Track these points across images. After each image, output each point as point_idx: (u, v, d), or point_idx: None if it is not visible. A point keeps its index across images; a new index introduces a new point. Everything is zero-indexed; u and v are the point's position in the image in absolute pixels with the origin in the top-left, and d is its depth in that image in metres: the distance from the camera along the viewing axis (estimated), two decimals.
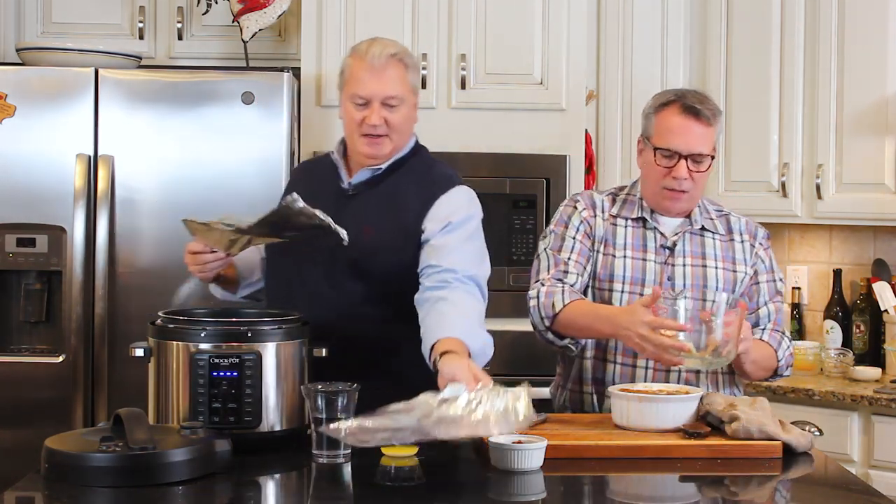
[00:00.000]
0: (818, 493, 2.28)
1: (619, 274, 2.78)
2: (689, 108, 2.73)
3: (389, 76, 2.66)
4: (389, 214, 2.70)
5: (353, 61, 2.70)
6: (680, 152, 2.72)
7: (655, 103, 2.80)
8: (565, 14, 3.89)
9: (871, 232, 4.16)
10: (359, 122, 2.67)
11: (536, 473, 2.19)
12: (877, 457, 3.55)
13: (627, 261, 2.79)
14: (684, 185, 2.75)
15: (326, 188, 2.77)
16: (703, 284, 2.78)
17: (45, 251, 3.66)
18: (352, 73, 2.68)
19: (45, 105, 3.66)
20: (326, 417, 2.26)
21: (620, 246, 2.80)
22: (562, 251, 2.80)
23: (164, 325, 2.41)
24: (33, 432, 3.28)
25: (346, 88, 2.70)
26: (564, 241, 2.82)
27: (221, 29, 4.16)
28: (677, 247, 2.80)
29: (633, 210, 2.84)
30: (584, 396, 2.82)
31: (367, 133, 2.67)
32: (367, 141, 2.68)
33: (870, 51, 3.83)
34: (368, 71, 2.65)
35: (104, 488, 2.05)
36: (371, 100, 2.66)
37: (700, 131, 2.73)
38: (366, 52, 2.67)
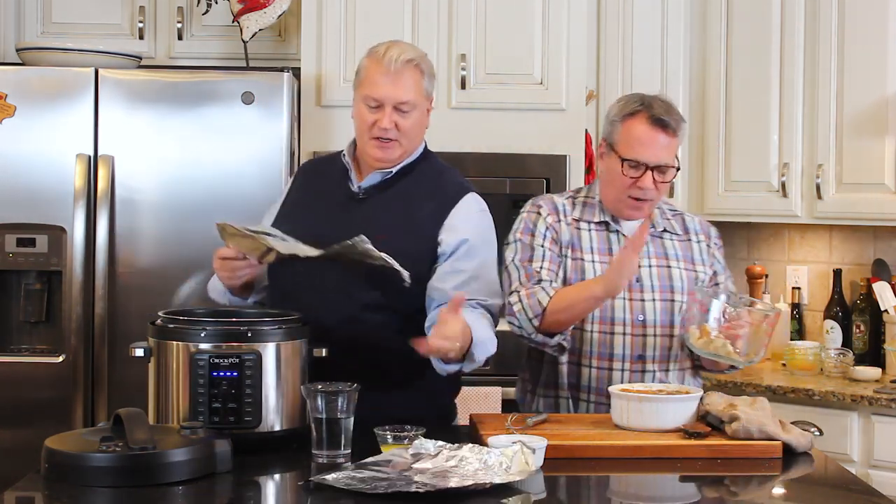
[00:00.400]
0: (818, 493, 2.28)
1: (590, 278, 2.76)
2: (657, 120, 2.72)
3: (404, 81, 2.65)
4: (404, 221, 2.69)
5: (369, 63, 2.69)
6: (647, 163, 2.72)
7: (622, 111, 2.78)
8: (565, 14, 3.89)
9: (871, 232, 4.16)
10: (370, 124, 2.66)
11: (536, 473, 2.18)
12: (877, 457, 3.55)
13: (597, 265, 2.79)
14: (649, 194, 2.75)
15: (335, 190, 2.76)
16: (670, 285, 2.80)
17: (45, 251, 3.66)
18: (367, 75, 2.68)
19: (45, 105, 3.66)
20: (326, 417, 2.27)
21: (587, 250, 2.81)
22: (532, 261, 2.77)
23: (164, 325, 2.41)
24: (33, 432, 3.28)
25: (360, 89, 2.70)
26: (534, 250, 2.79)
27: (221, 29, 4.16)
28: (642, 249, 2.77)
29: (594, 214, 2.84)
30: (560, 401, 2.82)
31: (378, 136, 2.67)
32: (378, 144, 2.68)
33: (870, 51, 3.83)
34: (384, 74, 2.64)
35: (104, 488, 2.05)
36: (384, 103, 2.65)
37: (666, 142, 2.73)
38: (383, 55, 2.66)
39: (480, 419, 2.58)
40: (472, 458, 2.11)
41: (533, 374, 2.89)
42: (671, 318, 2.78)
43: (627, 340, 2.77)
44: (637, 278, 2.77)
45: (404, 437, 2.28)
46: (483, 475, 2.05)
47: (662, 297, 2.78)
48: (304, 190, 2.84)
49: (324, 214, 2.73)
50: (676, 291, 2.78)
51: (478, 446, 2.16)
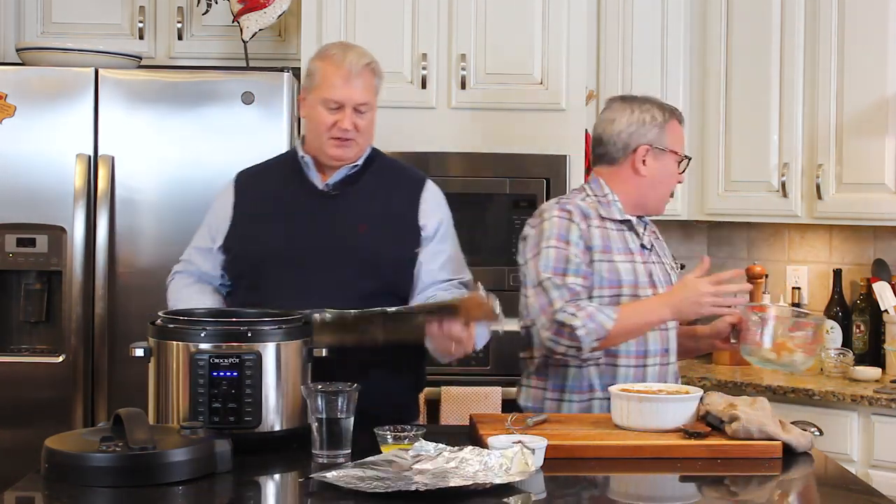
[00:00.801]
0: (818, 493, 2.28)
1: (626, 278, 2.84)
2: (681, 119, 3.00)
3: (363, 84, 2.77)
4: (380, 209, 2.81)
5: (325, 66, 2.78)
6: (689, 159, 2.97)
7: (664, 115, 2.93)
8: (565, 14, 3.88)
9: (871, 232, 4.16)
10: (329, 125, 2.76)
11: (536, 473, 2.18)
12: (877, 457, 3.55)
13: (625, 264, 2.85)
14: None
15: (296, 190, 2.82)
16: (671, 281, 2.96)
17: (45, 251, 3.66)
18: (325, 78, 2.77)
19: (45, 105, 3.66)
20: (326, 417, 2.27)
21: (617, 251, 2.86)
22: (567, 275, 2.77)
23: (164, 325, 2.41)
24: (33, 432, 3.28)
25: (316, 92, 2.78)
26: (569, 262, 2.79)
27: (221, 29, 4.16)
28: (654, 246, 2.96)
29: (614, 212, 2.90)
30: (594, 402, 2.84)
31: (338, 136, 2.76)
32: (337, 143, 2.77)
33: (870, 51, 3.83)
34: (344, 77, 2.75)
35: (104, 488, 2.05)
36: (344, 105, 2.75)
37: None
38: (343, 58, 2.76)
39: (480, 419, 2.58)
40: (472, 459, 2.11)
41: (556, 380, 2.88)
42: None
43: (658, 336, 2.88)
44: (651, 275, 2.90)
45: (404, 437, 2.28)
46: (483, 476, 2.05)
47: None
48: (255, 198, 2.86)
49: (293, 214, 2.79)
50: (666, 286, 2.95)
51: (478, 448, 2.16)
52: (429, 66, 3.86)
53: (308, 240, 2.76)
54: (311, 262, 2.74)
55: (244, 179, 2.92)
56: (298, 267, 2.74)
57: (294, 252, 2.75)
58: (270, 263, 2.77)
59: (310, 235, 2.76)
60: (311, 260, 2.74)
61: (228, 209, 2.86)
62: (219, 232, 2.86)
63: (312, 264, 2.74)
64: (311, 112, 2.80)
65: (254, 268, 2.80)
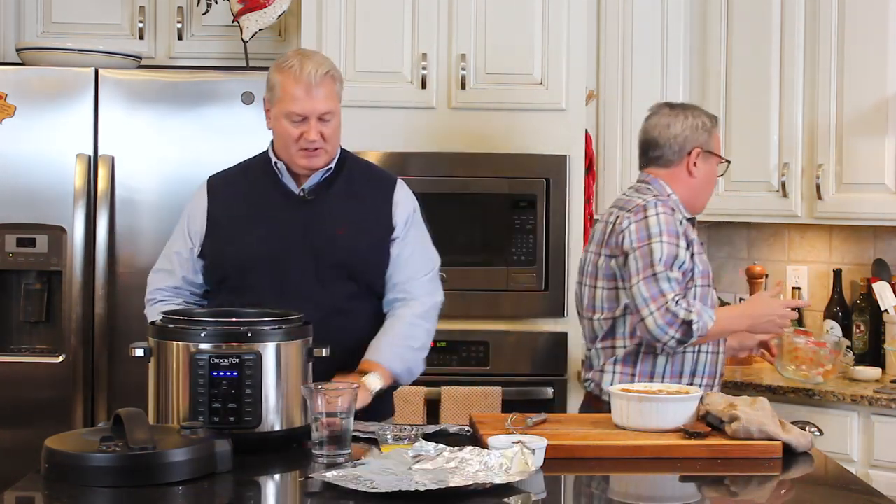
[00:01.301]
0: (818, 493, 2.28)
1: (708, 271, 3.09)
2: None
3: (324, 93, 2.76)
4: (357, 213, 2.84)
5: (285, 79, 2.76)
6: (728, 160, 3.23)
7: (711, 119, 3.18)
8: (565, 14, 3.88)
9: (871, 232, 4.16)
10: (296, 137, 2.76)
11: (536, 473, 2.18)
12: (877, 457, 3.55)
13: (702, 257, 3.08)
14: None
15: (271, 195, 2.83)
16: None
17: (45, 251, 3.66)
18: (286, 91, 2.75)
19: (45, 105, 3.66)
20: (326, 418, 2.27)
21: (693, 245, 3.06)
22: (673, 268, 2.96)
23: (164, 325, 2.41)
24: (33, 432, 3.28)
25: (279, 105, 2.77)
26: (677, 257, 2.98)
27: (221, 29, 4.16)
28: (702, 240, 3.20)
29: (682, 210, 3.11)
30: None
31: (305, 147, 2.76)
32: (306, 154, 2.78)
33: (870, 51, 3.82)
34: (305, 90, 2.74)
35: (104, 488, 2.05)
36: (309, 116, 2.75)
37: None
38: (300, 70, 2.74)
39: (480, 419, 2.58)
40: (472, 459, 2.11)
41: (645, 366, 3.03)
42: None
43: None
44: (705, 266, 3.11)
45: (404, 437, 2.28)
46: (483, 476, 2.05)
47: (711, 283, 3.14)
48: (229, 203, 2.86)
49: (270, 219, 2.81)
50: None
51: (478, 448, 2.16)
52: (429, 66, 3.86)
53: (287, 244, 2.78)
54: (291, 266, 2.77)
55: (217, 184, 2.91)
56: (278, 271, 2.77)
57: (274, 256, 2.77)
58: (250, 268, 2.78)
59: (289, 240, 2.78)
60: (291, 264, 2.77)
61: (203, 215, 2.86)
62: (195, 237, 2.86)
63: (292, 268, 2.77)
64: (276, 125, 2.80)
65: (234, 272, 2.81)
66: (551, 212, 3.83)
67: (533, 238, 3.82)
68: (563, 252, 3.83)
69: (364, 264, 2.82)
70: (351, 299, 2.80)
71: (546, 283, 3.84)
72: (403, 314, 2.82)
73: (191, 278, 2.88)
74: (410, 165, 3.77)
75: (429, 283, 2.88)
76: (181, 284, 2.88)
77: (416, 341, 2.81)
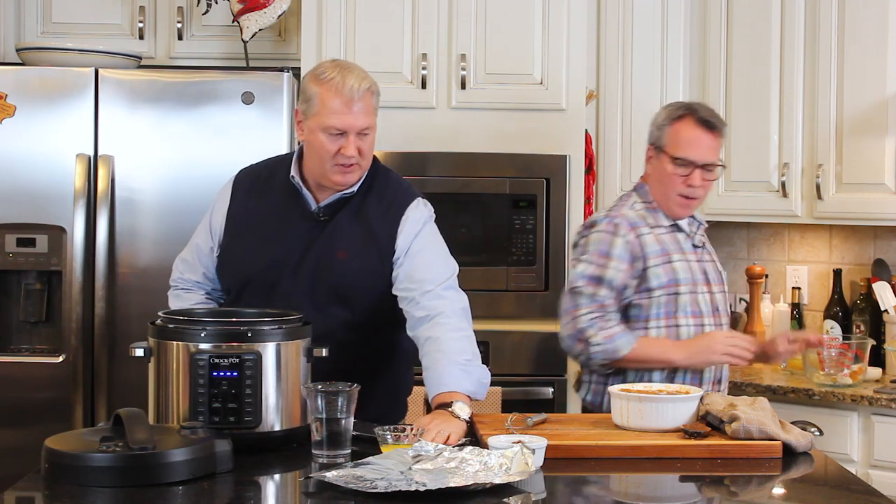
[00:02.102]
0: (818, 493, 2.28)
1: (682, 277, 3.02)
2: (703, 121, 3.01)
3: (364, 108, 2.67)
4: (361, 237, 2.74)
5: (325, 92, 2.65)
6: (696, 162, 3.00)
7: (670, 116, 3.05)
8: (565, 14, 3.88)
9: (871, 232, 4.16)
10: (333, 152, 2.66)
11: (536, 473, 2.18)
12: (877, 457, 3.55)
13: (681, 263, 3.03)
14: (697, 192, 3.01)
15: (287, 210, 2.77)
16: (721, 277, 3.15)
17: (45, 251, 3.66)
18: (325, 104, 2.65)
19: (45, 105, 3.66)
20: (326, 417, 2.27)
21: (673, 251, 3.03)
22: (600, 287, 2.95)
23: (164, 325, 2.41)
24: (33, 432, 3.29)
25: (316, 119, 2.66)
26: (604, 278, 2.95)
27: (221, 29, 4.16)
28: (705, 245, 3.12)
29: (661, 219, 3.06)
30: None
31: (342, 163, 2.68)
32: (341, 170, 2.69)
33: (870, 51, 3.83)
34: (345, 104, 2.64)
35: (104, 488, 2.05)
36: (348, 132, 2.66)
37: (712, 142, 3.03)
38: (342, 83, 2.65)
39: (480, 419, 2.58)
40: (472, 459, 2.11)
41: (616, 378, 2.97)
42: (726, 308, 3.14)
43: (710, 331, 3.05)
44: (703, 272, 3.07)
45: (404, 437, 2.28)
46: (483, 476, 2.05)
47: (721, 290, 3.13)
48: (245, 207, 2.81)
49: (281, 237, 2.74)
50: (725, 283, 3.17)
51: (478, 448, 2.16)
52: (429, 66, 3.86)
53: (289, 265, 2.71)
54: (290, 287, 2.71)
55: (241, 183, 2.85)
56: (277, 291, 2.71)
57: (274, 276, 2.72)
58: (245, 282, 2.76)
59: (287, 259, 2.72)
60: (290, 285, 2.71)
61: (223, 214, 2.83)
62: (215, 235, 2.84)
63: (291, 289, 2.70)
64: (311, 138, 2.69)
65: (233, 284, 2.79)
66: (551, 212, 3.83)
67: (533, 238, 3.82)
68: (563, 252, 3.83)
69: (355, 290, 2.72)
70: (349, 329, 2.71)
71: (546, 283, 3.84)
72: (437, 335, 2.64)
73: (211, 275, 2.85)
74: (410, 165, 3.77)
75: (445, 291, 2.71)
76: (202, 280, 2.86)
77: (465, 353, 2.63)
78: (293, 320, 2.45)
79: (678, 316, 3.00)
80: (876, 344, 3.90)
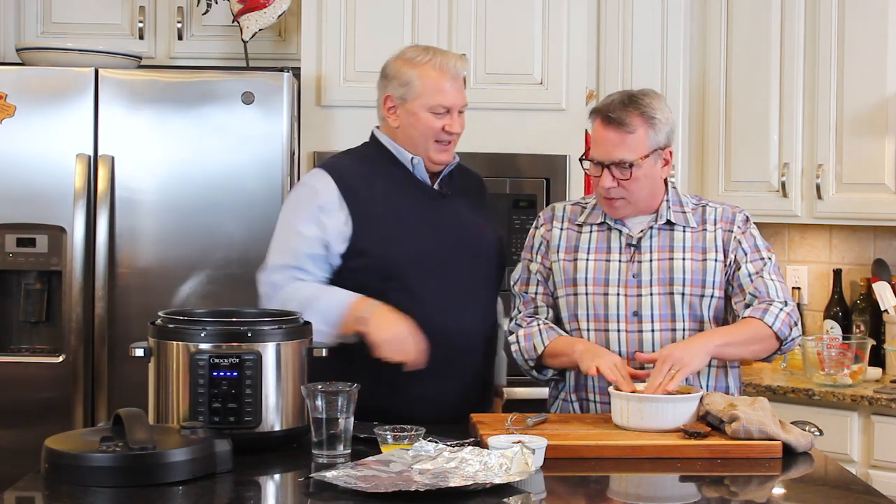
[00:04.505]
0: (818, 493, 2.28)
1: (582, 276, 2.79)
2: (606, 118, 2.72)
3: (461, 86, 2.84)
4: (475, 210, 2.94)
5: (427, 72, 2.79)
6: (602, 162, 2.73)
7: (592, 110, 2.83)
8: (565, 14, 3.88)
9: (871, 232, 4.16)
10: (438, 129, 2.80)
11: (536, 473, 2.18)
12: (877, 457, 3.55)
13: (590, 263, 2.80)
14: (612, 192, 2.74)
15: (408, 189, 2.84)
16: (670, 277, 2.77)
17: (45, 251, 3.66)
18: (430, 84, 2.79)
19: (45, 105, 3.66)
20: (326, 417, 2.27)
21: (584, 250, 2.82)
22: (528, 285, 2.89)
23: (164, 325, 2.41)
24: (33, 432, 3.29)
25: (420, 99, 2.79)
26: (530, 272, 2.89)
27: (221, 29, 4.16)
28: (643, 243, 2.79)
29: (598, 216, 2.84)
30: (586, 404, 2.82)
31: (442, 140, 2.81)
32: (442, 147, 2.83)
33: (870, 51, 3.83)
34: (451, 82, 2.80)
35: (104, 488, 2.05)
36: (452, 109, 2.80)
37: (618, 139, 2.71)
38: (445, 63, 2.80)
39: (480, 419, 2.58)
40: (472, 459, 2.11)
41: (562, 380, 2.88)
42: (671, 312, 2.76)
43: (622, 337, 2.75)
44: (634, 273, 2.77)
45: (404, 436, 2.28)
46: (483, 476, 2.05)
47: (661, 291, 2.76)
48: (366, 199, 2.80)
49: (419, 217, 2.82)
50: (676, 283, 2.76)
51: (478, 448, 2.16)
52: None
53: (442, 244, 2.81)
54: (452, 265, 2.81)
55: (343, 175, 2.81)
56: (442, 270, 2.79)
57: (435, 256, 2.79)
58: (414, 269, 2.76)
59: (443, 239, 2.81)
60: (452, 263, 2.81)
61: (341, 212, 2.76)
62: (338, 236, 2.76)
63: (453, 267, 2.80)
64: (412, 120, 2.80)
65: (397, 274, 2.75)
66: None
67: None
68: None
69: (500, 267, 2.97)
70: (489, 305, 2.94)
71: None
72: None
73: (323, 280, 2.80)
74: None
75: None
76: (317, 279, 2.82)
77: None
78: (293, 320, 2.45)
79: (579, 318, 2.78)
80: (876, 344, 3.90)
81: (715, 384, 2.80)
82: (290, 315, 2.48)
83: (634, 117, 2.71)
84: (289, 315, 2.48)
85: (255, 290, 2.84)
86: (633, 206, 2.78)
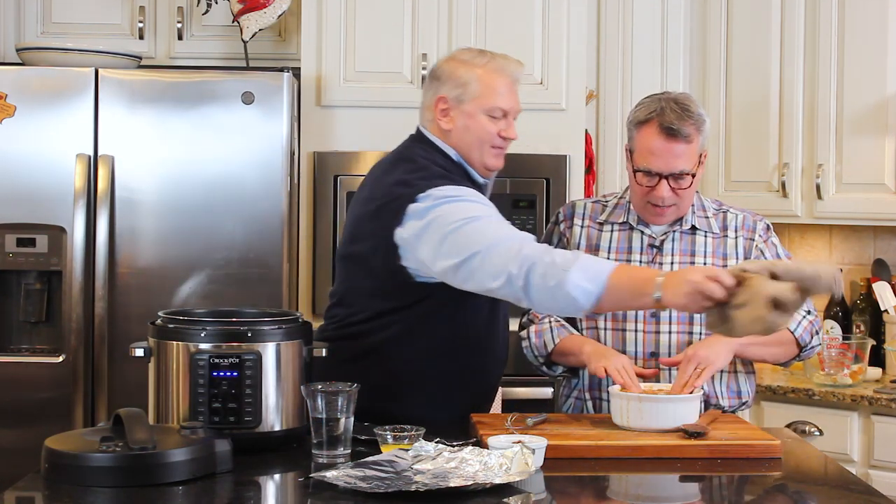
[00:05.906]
0: (818, 493, 2.28)
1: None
2: (668, 130, 2.68)
3: (517, 91, 2.73)
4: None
5: (488, 74, 2.68)
6: (661, 173, 2.71)
7: (636, 118, 2.75)
8: (565, 14, 3.89)
9: (871, 232, 4.16)
10: (494, 133, 2.69)
11: (536, 473, 2.18)
12: (877, 457, 3.55)
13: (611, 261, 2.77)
14: (667, 201, 2.74)
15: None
16: None
17: (45, 251, 3.66)
18: (488, 86, 2.67)
19: (45, 105, 3.66)
20: (326, 417, 2.27)
21: (605, 249, 2.82)
22: None
23: (164, 325, 2.41)
24: (33, 432, 3.29)
25: (477, 101, 2.66)
26: None
27: (221, 29, 4.16)
28: (666, 246, 2.81)
29: (620, 215, 2.84)
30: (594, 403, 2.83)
31: (498, 145, 2.71)
32: (497, 153, 2.72)
33: (870, 51, 3.83)
34: (509, 85, 2.70)
35: (104, 488, 2.05)
36: (509, 112, 2.70)
37: (680, 151, 2.69)
38: (505, 66, 2.69)
39: (480, 419, 2.58)
40: (472, 459, 2.11)
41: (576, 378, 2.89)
42: (689, 315, 2.74)
43: (640, 337, 2.78)
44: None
45: (404, 436, 2.28)
46: (483, 476, 2.05)
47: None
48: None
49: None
50: None
51: (478, 448, 2.16)
52: (429, 66, 3.84)
53: None
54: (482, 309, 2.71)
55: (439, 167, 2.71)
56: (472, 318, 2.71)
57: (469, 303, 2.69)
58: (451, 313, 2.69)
59: None
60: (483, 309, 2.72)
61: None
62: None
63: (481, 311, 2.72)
64: (469, 122, 2.67)
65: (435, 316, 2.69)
66: (551, 212, 3.83)
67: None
68: None
69: None
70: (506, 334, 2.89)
71: None
72: None
73: None
74: None
75: None
76: None
77: None
78: (293, 320, 2.45)
79: (596, 318, 2.79)
80: (876, 344, 3.90)
81: (727, 389, 2.81)
82: (290, 315, 2.48)
83: (691, 127, 2.70)
84: (289, 315, 2.48)
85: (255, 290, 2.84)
86: (680, 212, 2.80)
